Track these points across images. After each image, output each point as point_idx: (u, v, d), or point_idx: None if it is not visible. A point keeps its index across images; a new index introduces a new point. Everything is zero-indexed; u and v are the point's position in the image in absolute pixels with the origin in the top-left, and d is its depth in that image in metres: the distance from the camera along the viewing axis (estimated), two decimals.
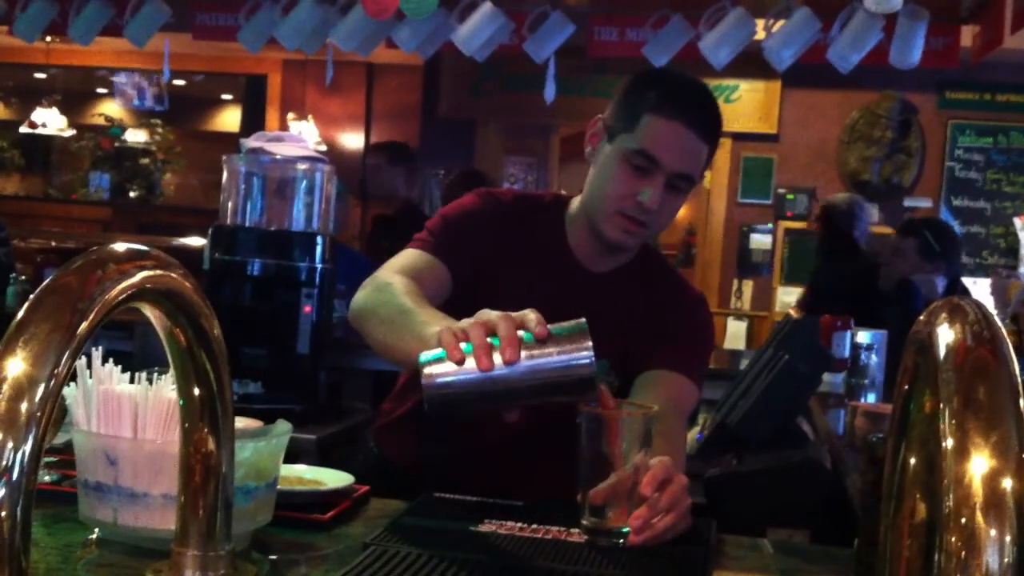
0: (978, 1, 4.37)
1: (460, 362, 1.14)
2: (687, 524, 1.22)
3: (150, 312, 0.82)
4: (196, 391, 0.87)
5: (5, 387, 0.61)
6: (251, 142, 2.76)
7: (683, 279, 1.81)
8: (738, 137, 6.81)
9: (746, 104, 6.76)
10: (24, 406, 0.61)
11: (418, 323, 1.34)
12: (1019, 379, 0.59)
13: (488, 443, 1.67)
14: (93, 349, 1.13)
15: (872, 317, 3.42)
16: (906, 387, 0.73)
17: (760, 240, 6.80)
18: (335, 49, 4.69)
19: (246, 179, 2.68)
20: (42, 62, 7.71)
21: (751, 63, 4.42)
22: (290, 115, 7.27)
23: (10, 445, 0.59)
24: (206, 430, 0.88)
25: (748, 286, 6.88)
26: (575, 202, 1.71)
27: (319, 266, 2.66)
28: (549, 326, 1.16)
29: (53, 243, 6.42)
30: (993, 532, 0.52)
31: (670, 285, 1.74)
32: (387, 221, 4.59)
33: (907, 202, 6.58)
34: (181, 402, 0.88)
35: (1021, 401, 0.57)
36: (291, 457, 1.25)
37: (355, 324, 1.58)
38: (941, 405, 0.58)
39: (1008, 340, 0.62)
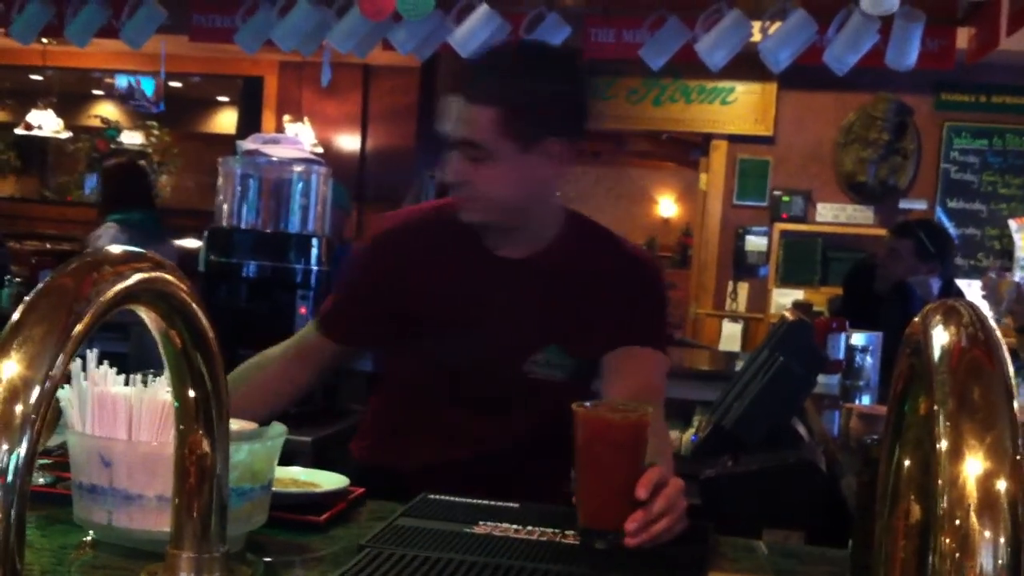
0: (974, 3, 4.38)
1: None
2: (683, 527, 1.22)
3: (145, 314, 0.81)
4: (191, 393, 0.87)
5: (0, 389, 0.61)
6: (247, 144, 2.76)
7: (620, 240, 1.75)
8: (734, 139, 6.82)
9: (742, 106, 6.77)
10: (19, 408, 0.60)
11: None
12: (1014, 381, 0.59)
13: (465, 456, 1.67)
14: (88, 351, 1.13)
15: (868, 319, 3.43)
16: (901, 389, 0.73)
17: (756, 242, 6.80)
18: (332, 51, 4.69)
19: (242, 181, 2.68)
20: (38, 64, 7.70)
21: (747, 65, 4.42)
22: (286, 117, 7.26)
23: (4, 447, 0.59)
24: (201, 432, 0.88)
25: (744, 288, 6.88)
26: None
27: (315, 268, 2.66)
28: None
29: (48, 245, 6.42)
30: (987, 534, 0.52)
31: (607, 250, 1.71)
32: None
33: (903, 204, 6.59)
34: (176, 404, 0.88)
35: (1015, 403, 0.57)
36: (286, 459, 1.25)
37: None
38: (936, 407, 0.58)
39: (1003, 342, 0.62)
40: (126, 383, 1.15)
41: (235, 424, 1.13)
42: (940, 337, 0.62)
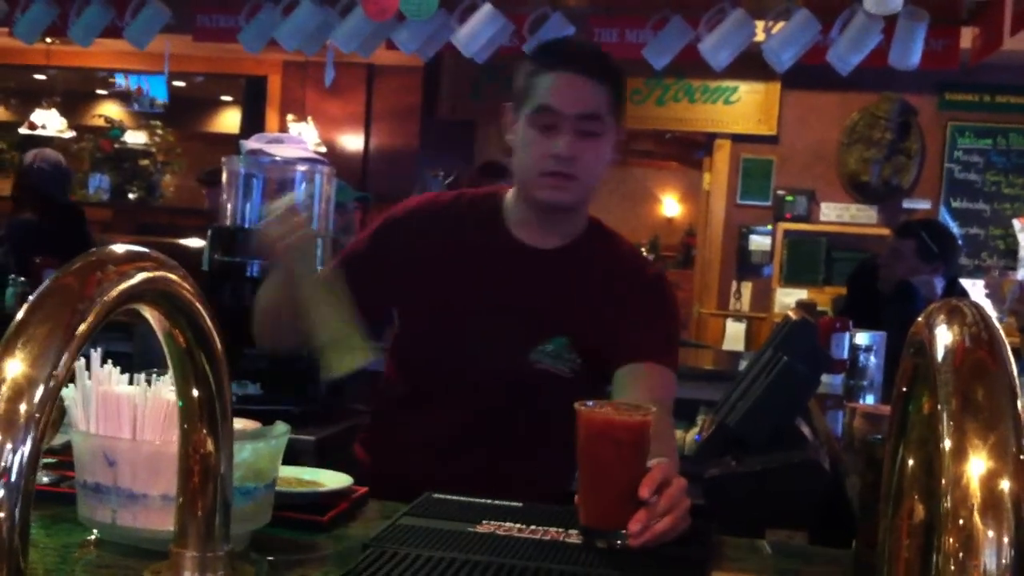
0: (978, 3, 4.37)
1: None
2: (686, 525, 1.22)
3: (149, 313, 0.82)
4: (195, 392, 0.87)
5: (4, 388, 0.61)
6: (251, 143, 2.76)
7: (638, 253, 1.83)
8: (737, 138, 6.81)
9: (746, 105, 6.76)
10: (23, 407, 0.61)
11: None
12: (1017, 381, 0.59)
13: (468, 458, 1.68)
14: (92, 350, 1.13)
15: (872, 318, 3.42)
16: (905, 389, 0.73)
17: (759, 241, 6.80)
18: (335, 50, 4.69)
19: (245, 180, 2.68)
20: (42, 63, 7.70)
21: (751, 64, 4.42)
22: (290, 116, 7.26)
23: (9, 446, 0.59)
24: (205, 431, 0.88)
25: (747, 287, 6.88)
26: (512, 191, 1.76)
27: (318, 267, 2.65)
28: None
29: None
30: (991, 533, 0.52)
31: (626, 261, 1.76)
32: None
33: (906, 204, 6.58)
34: (180, 403, 0.88)
35: (1019, 402, 0.57)
36: (290, 458, 1.25)
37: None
38: (939, 406, 0.58)
39: (1006, 342, 0.62)
40: (130, 382, 1.16)
41: (238, 423, 1.13)
42: (944, 337, 0.62)
